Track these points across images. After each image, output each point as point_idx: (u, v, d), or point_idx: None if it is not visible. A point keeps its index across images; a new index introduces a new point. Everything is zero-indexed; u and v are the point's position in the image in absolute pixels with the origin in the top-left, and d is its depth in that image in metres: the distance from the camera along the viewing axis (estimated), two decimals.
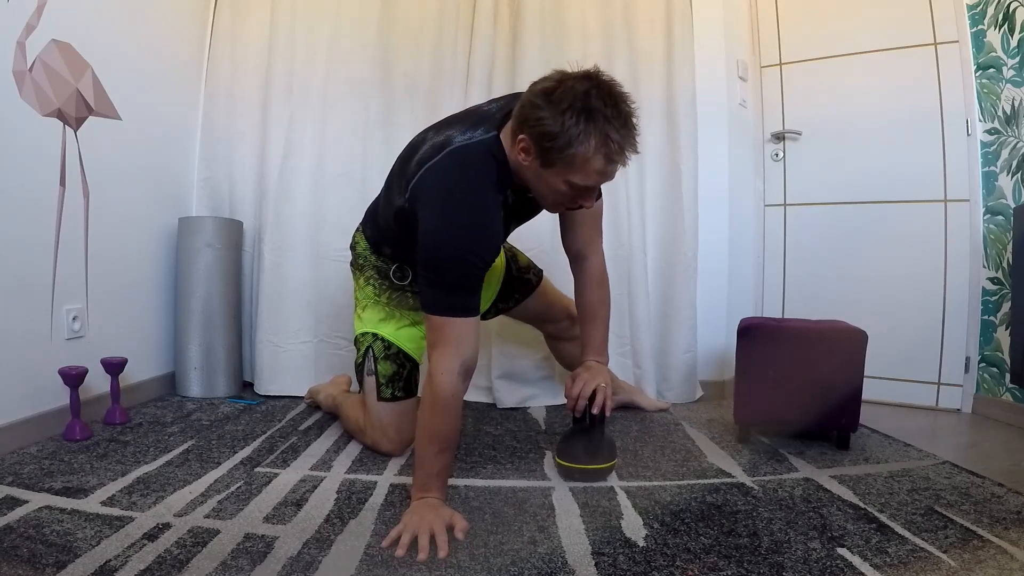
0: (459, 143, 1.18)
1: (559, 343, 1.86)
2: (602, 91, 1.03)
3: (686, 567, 0.96)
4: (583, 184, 1.09)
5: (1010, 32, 1.99)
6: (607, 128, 1.02)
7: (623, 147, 1.04)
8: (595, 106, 1.01)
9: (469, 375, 1.17)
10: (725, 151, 2.25)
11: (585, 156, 1.03)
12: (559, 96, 1.03)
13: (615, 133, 1.02)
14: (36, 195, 1.55)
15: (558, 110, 1.02)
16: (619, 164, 1.07)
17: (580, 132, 1.01)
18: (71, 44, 1.63)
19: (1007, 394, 2.01)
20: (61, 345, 1.62)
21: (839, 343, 1.60)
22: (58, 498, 1.16)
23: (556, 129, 1.02)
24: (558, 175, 1.09)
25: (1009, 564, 0.97)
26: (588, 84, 1.03)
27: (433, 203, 1.16)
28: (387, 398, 1.48)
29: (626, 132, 1.04)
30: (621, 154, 1.04)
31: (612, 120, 1.02)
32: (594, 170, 1.06)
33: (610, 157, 1.04)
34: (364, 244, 1.53)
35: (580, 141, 1.02)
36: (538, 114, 1.04)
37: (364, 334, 1.52)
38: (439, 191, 1.16)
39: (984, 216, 2.11)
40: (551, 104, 1.03)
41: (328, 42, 2.17)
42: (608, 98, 1.03)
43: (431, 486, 1.13)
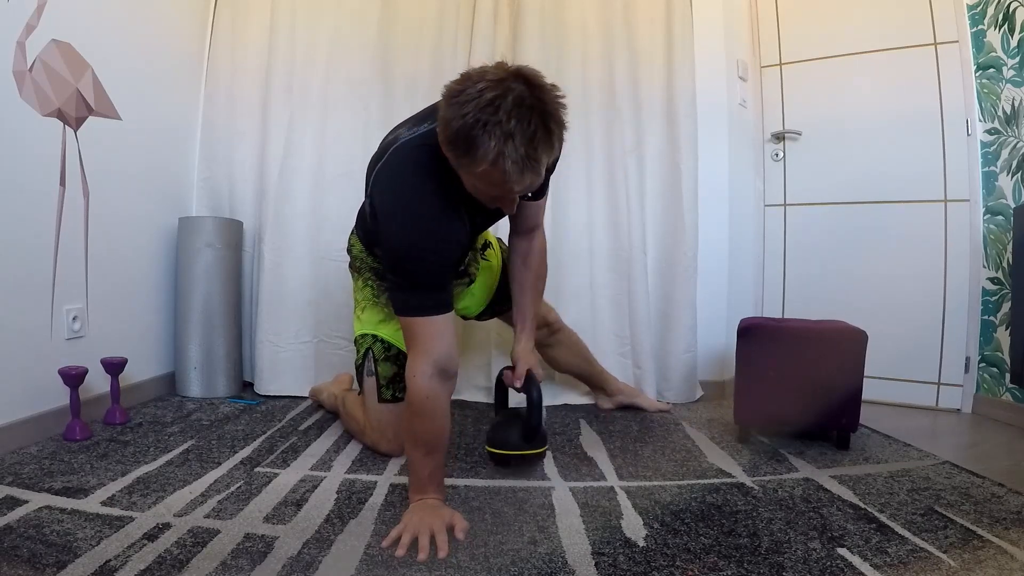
0: (403, 140, 1.16)
1: (544, 349, 1.83)
2: (513, 100, 0.92)
3: (686, 567, 0.96)
4: (491, 194, 1.04)
5: (1010, 32, 1.99)
6: (506, 145, 0.92)
7: (523, 164, 0.94)
8: (497, 119, 0.91)
9: (446, 375, 1.13)
10: (725, 151, 2.25)
11: (485, 171, 0.96)
12: (464, 98, 0.94)
13: (514, 151, 0.92)
14: (36, 195, 1.55)
15: (459, 114, 0.94)
16: (525, 182, 0.98)
17: (478, 144, 0.93)
18: (71, 44, 1.63)
19: (1007, 394, 2.01)
20: (61, 345, 1.62)
21: (839, 343, 1.60)
22: (58, 498, 1.16)
23: (453, 135, 0.96)
24: (470, 179, 1.03)
25: (1009, 564, 0.97)
26: (498, 91, 0.92)
27: (383, 204, 1.14)
28: (387, 399, 1.48)
29: (528, 150, 0.93)
30: (520, 171, 0.95)
31: (514, 136, 0.92)
32: (495, 182, 0.99)
33: (506, 172, 0.95)
34: (359, 246, 1.54)
35: (477, 154, 0.94)
36: (444, 114, 0.97)
37: (364, 335, 1.52)
38: (387, 191, 1.14)
39: (984, 216, 2.11)
40: (455, 106, 0.95)
41: (328, 42, 2.17)
42: (517, 108, 0.92)
43: (426, 488, 1.13)
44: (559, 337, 1.84)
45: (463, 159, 0.98)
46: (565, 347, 1.87)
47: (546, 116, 0.95)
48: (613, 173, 2.14)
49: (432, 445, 1.14)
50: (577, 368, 1.94)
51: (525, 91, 0.94)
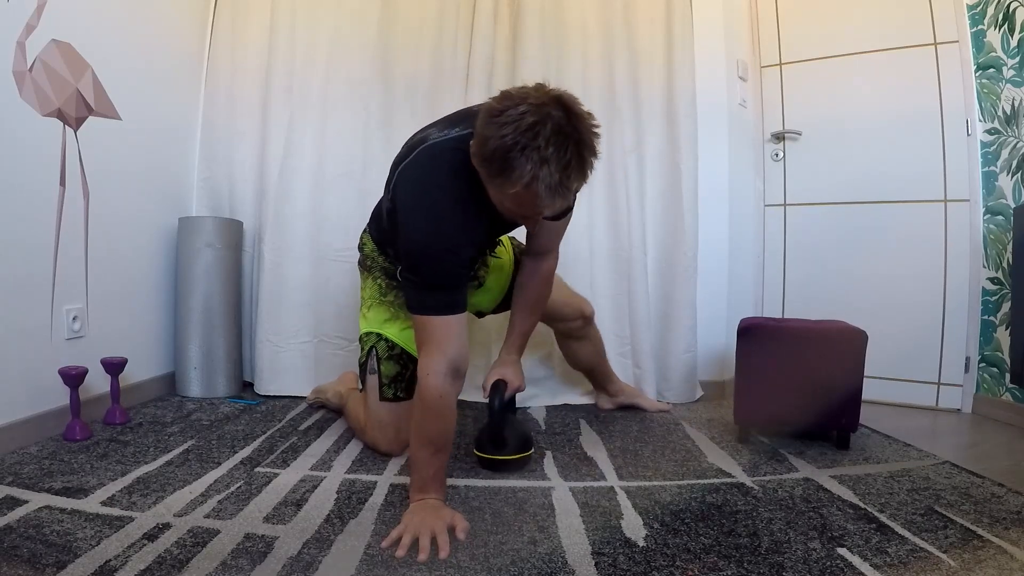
0: (432, 141, 1.17)
1: (569, 341, 1.85)
2: (552, 127, 0.94)
3: (686, 567, 0.96)
4: (519, 212, 1.06)
5: (1010, 32, 1.99)
6: (542, 170, 0.94)
7: (555, 190, 0.96)
8: (536, 144, 0.93)
9: (458, 375, 1.15)
10: (725, 151, 2.25)
11: (515, 188, 0.98)
12: (505, 119, 0.96)
13: (548, 177, 0.94)
14: (36, 195, 1.55)
15: (498, 135, 0.95)
16: (555, 205, 1.00)
17: (514, 165, 0.95)
18: (71, 44, 1.63)
19: (1007, 394, 2.01)
20: (61, 345, 1.62)
21: (839, 343, 1.60)
22: (58, 498, 1.16)
23: (490, 154, 0.97)
24: (496, 195, 1.05)
25: (1009, 564, 0.97)
26: (538, 116, 0.94)
27: (406, 203, 1.16)
28: (389, 398, 1.48)
29: (563, 178, 0.95)
30: (553, 196, 0.97)
31: (550, 162, 0.94)
32: (525, 203, 1.01)
33: (539, 196, 0.97)
34: (371, 245, 1.55)
35: (513, 175, 0.96)
36: (482, 131, 0.99)
37: (368, 333, 1.53)
38: (411, 191, 1.16)
39: (984, 216, 2.11)
40: (494, 125, 0.97)
41: (328, 42, 2.17)
42: (555, 136, 0.94)
43: (429, 488, 1.13)
44: (590, 331, 1.83)
45: (497, 178, 0.99)
46: (590, 343, 1.86)
47: (581, 145, 0.97)
48: (613, 173, 2.14)
49: (440, 444, 1.14)
50: (592, 365, 1.93)
51: (564, 119, 0.96)
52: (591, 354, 1.89)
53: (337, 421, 1.79)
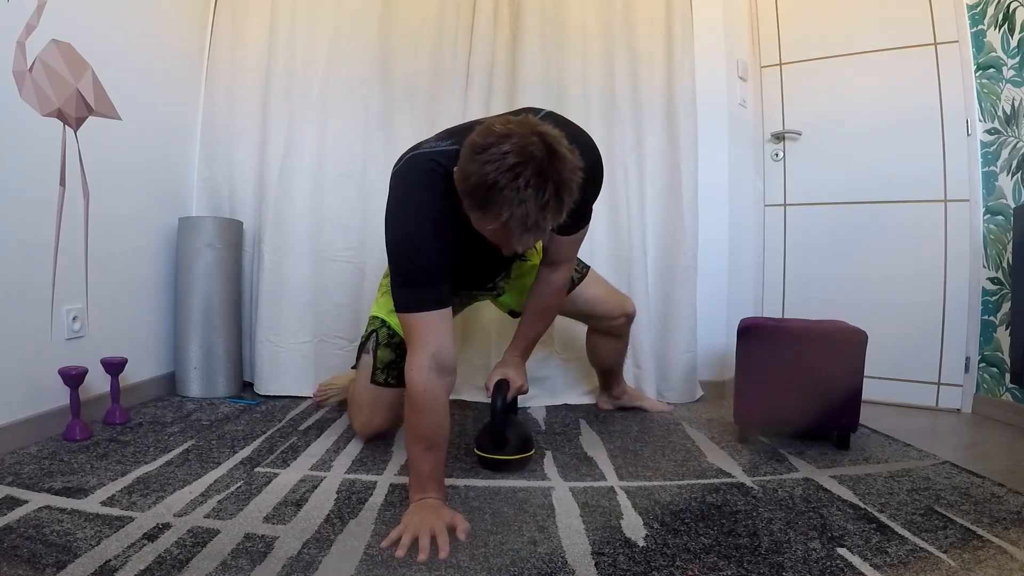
0: (421, 151, 1.21)
1: (602, 338, 1.83)
2: (533, 169, 0.95)
3: (686, 567, 0.96)
4: (491, 238, 1.07)
5: (1010, 32, 1.99)
6: (518, 210, 0.96)
7: (530, 229, 0.98)
8: (515, 185, 0.95)
9: (445, 370, 1.16)
10: (725, 151, 2.25)
11: (494, 229, 1.01)
12: (488, 157, 0.97)
13: (526, 217, 0.96)
14: (36, 195, 1.55)
15: (480, 171, 0.97)
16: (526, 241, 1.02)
17: (492, 203, 0.97)
18: (71, 44, 1.63)
19: (1007, 394, 2.01)
20: (61, 345, 1.62)
21: (839, 343, 1.60)
22: (58, 498, 1.16)
23: (471, 189, 0.99)
24: (473, 220, 1.06)
25: (1009, 564, 0.97)
26: (520, 157, 0.95)
27: (389, 206, 1.20)
28: (379, 382, 1.53)
29: (538, 218, 0.97)
30: (522, 235, 0.99)
31: (527, 202, 0.95)
32: (498, 236, 1.03)
33: (513, 233, 0.99)
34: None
35: (490, 211, 0.98)
36: (465, 166, 1.00)
37: (375, 317, 1.60)
38: (392, 195, 1.20)
39: (984, 216, 2.11)
40: (477, 162, 0.98)
41: (328, 42, 2.17)
42: (536, 178, 0.95)
43: (427, 487, 1.13)
44: (627, 329, 1.83)
45: (475, 212, 1.02)
46: (621, 343, 1.86)
47: (561, 187, 0.98)
48: (613, 173, 2.14)
49: (432, 440, 1.15)
50: (612, 365, 1.92)
51: (546, 160, 0.97)
52: (615, 353, 1.89)
53: (337, 421, 1.79)
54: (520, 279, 1.67)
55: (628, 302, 1.81)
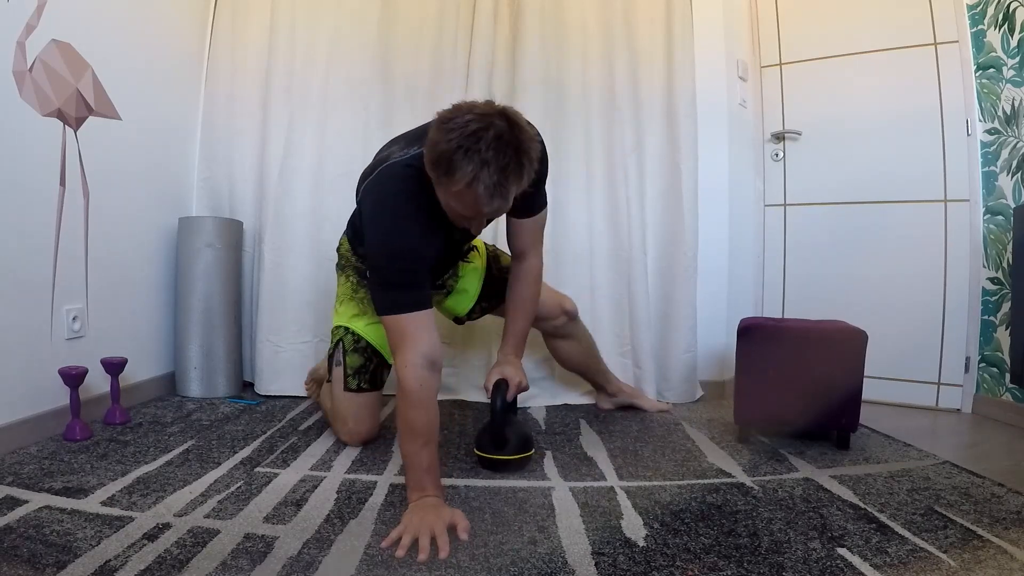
0: (394, 159, 1.26)
1: (555, 341, 1.86)
2: (493, 134, 1.02)
3: (686, 567, 0.96)
4: (461, 212, 1.13)
5: (1010, 32, 1.99)
6: (482, 171, 1.02)
7: (493, 194, 1.04)
8: (477, 147, 1.02)
9: (436, 367, 1.21)
10: (725, 151, 2.25)
11: (460, 192, 1.06)
12: (451, 126, 1.04)
13: (489, 178, 1.02)
14: (36, 195, 1.55)
15: (445, 139, 1.04)
16: (493, 206, 1.07)
17: (457, 166, 1.03)
18: (71, 44, 1.63)
19: (1007, 394, 2.01)
20: (61, 345, 1.62)
21: (839, 343, 1.60)
22: (58, 498, 1.16)
23: (437, 156, 1.05)
24: (443, 195, 1.13)
25: (1009, 564, 0.97)
26: (482, 123, 1.03)
27: (370, 215, 1.26)
28: (353, 389, 1.54)
29: (500, 179, 1.03)
30: (490, 199, 1.05)
31: (489, 164, 1.02)
32: (467, 203, 1.09)
33: (478, 196, 1.05)
34: (347, 245, 1.64)
35: (455, 175, 1.04)
36: (432, 136, 1.07)
37: (338, 327, 1.61)
38: (373, 205, 1.26)
39: (984, 216, 2.11)
40: (442, 131, 1.05)
41: (328, 42, 2.17)
42: (497, 142, 1.02)
43: (425, 483, 1.14)
44: (575, 329, 1.84)
45: (443, 178, 1.07)
46: (577, 342, 1.87)
47: (520, 152, 1.05)
48: (613, 173, 2.14)
49: (428, 436, 1.17)
50: (584, 365, 1.93)
51: (506, 128, 1.04)
52: (581, 353, 1.89)
53: None
54: (461, 279, 1.70)
55: (567, 300, 1.81)
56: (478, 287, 1.72)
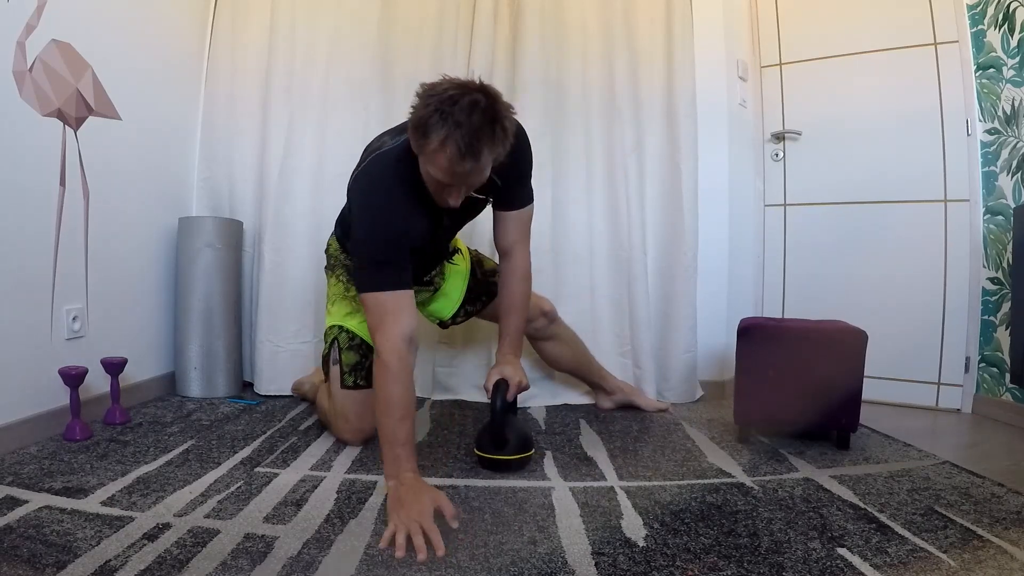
0: (385, 148, 1.30)
1: (539, 343, 1.87)
2: (469, 100, 1.08)
3: (686, 567, 0.96)
4: (437, 178, 1.16)
5: (1010, 32, 1.99)
6: (455, 132, 1.07)
7: (464, 154, 1.08)
8: (452, 111, 1.07)
9: (413, 344, 1.26)
10: (725, 151, 2.25)
11: (434, 151, 1.11)
12: (431, 93, 1.11)
13: (461, 139, 1.07)
14: (36, 195, 1.55)
15: (424, 104, 1.11)
16: (465, 168, 1.11)
17: (432, 127, 1.09)
18: (71, 44, 1.63)
19: (1007, 394, 2.01)
20: (61, 345, 1.62)
21: (839, 343, 1.60)
22: (58, 498, 1.16)
23: (416, 120, 1.12)
24: (423, 164, 1.18)
25: (1009, 564, 0.97)
26: (460, 91, 1.09)
27: (358, 202, 1.31)
28: (350, 386, 1.55)
29: (472, 140, 1.07)
30: (462, 160, 1.09)
31: (462, 125, 1.07)
32: (441, 167, 1.13)
33: (452, 157, 1.09)
34: (336, 245, 1.66)
35: (430, 136, 1.09)
36: (414, 107, 1.14)
37: (331, 327, 1.62)
38: (361, 190, 1.31)
39: (984, 216, 2.11)
40: (422, 98, 1.12)
41: (328, 42, 2.17)
42: (471, 107, 1.08)
43: (401, 459, 1.15)
44: (557, 329, 1.84)
45: (420, 140, 1.12)
46: (563, 342, 1.87)
47: (494, 120, 1.10)
48: (613, 173, 2.14)
49: (407, 410, 1.20)
50: (575, 365, 1.94)
51: (482, 98, 1.10)
52: (568, 353, 1.90)
53: None
54: (446, 281, 1.71)
55: (544, 302, 1.81)
56: (462, 290, 1.72)
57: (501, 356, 1.52)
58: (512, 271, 1.51)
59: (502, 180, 1.32)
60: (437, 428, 1.76)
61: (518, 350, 1.54)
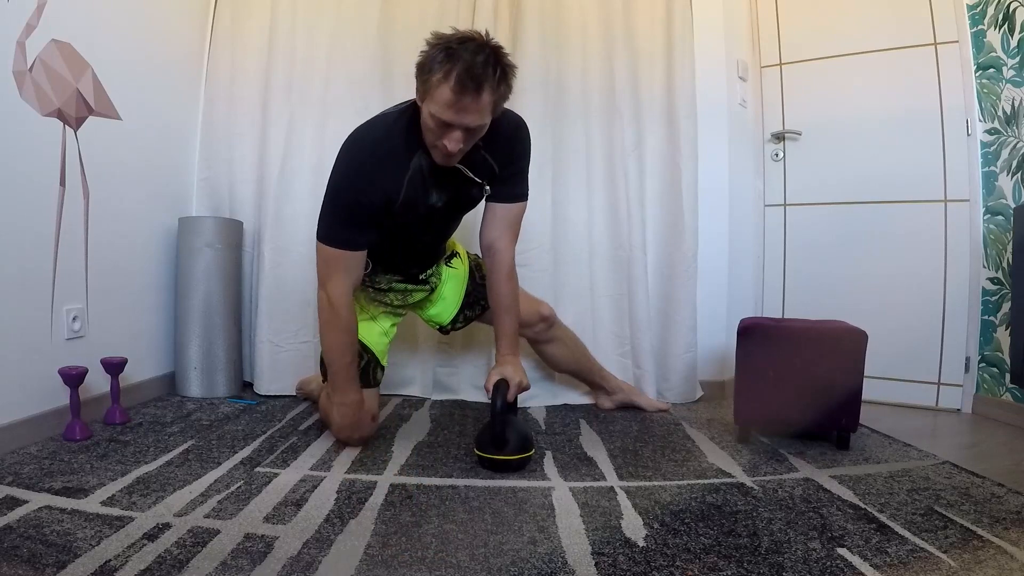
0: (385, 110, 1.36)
1: (540, 346, 1.88)
2: (475, 44, 1.17)
3: (686, 567, 0.96)
4: (440, 117, 1.21)
5: (1010, 32, 1.99)
6: (458, 65, 1.15)
7: (465, 84, 1.15)
8: (458, 49, 1.16)
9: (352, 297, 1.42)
10: (725, 151, 2.25)
11: (438, 84, 1.18)
12: (439, 38, 1.20)
13: (464, 71, 1.14)
14: (36, 195, 1.55)
15: (431, 46, 1.20)
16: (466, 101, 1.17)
17: (437, 63, 1.17)
18: (71, 44, 1.63)
19: (1007, 394, 2.01)
20: (61, 345, 1.62)
21: (839, 343, 1.60)
22: (58, 498, 1.16)
23: (423, 60, 1.21)
24: (427, 106, 1.24)
25: (1009, 564, 0.97)
26: (465, 37, 1.19)
27: (342, 150, 1.37)
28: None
29: (474, 72, 1.15)
30: (463, 92, 1.16)
31: (465, 59, 1.15)
32: (444, 100, 1.19)
33: (454, 90, 1.16)
34: None
35: (435, 71, 1.18)
36: (421, 54, 1.22)
37: None
38: (350, 139, 1.37)
39: (984, 216, 2.11)
40: (431, 43, 1.21)
41: (328, 42, 2.17)
42: (477, 48, 1.16)
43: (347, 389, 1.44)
44: (556, 333, 1.85)
45: (424, 76, 1.21)
46: (562, 344, 1.88)
47: (496, 62, 1.19)
48: (613, 173, 2.14)
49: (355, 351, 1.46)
50: (576, 366, 1.94)
51: (487, 43, 1.19)
52: (567, 355, 1.91)
53: None
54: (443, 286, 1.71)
55: (543, 306, 1.81)
56: (460, 294, 1.72)
57: (501, 356, 1.52)
58: (497, 269, 1.51)
59: (499, 167, 1.33)
60: (437, 428, 1.76)
61: (516, 349, 1.54)
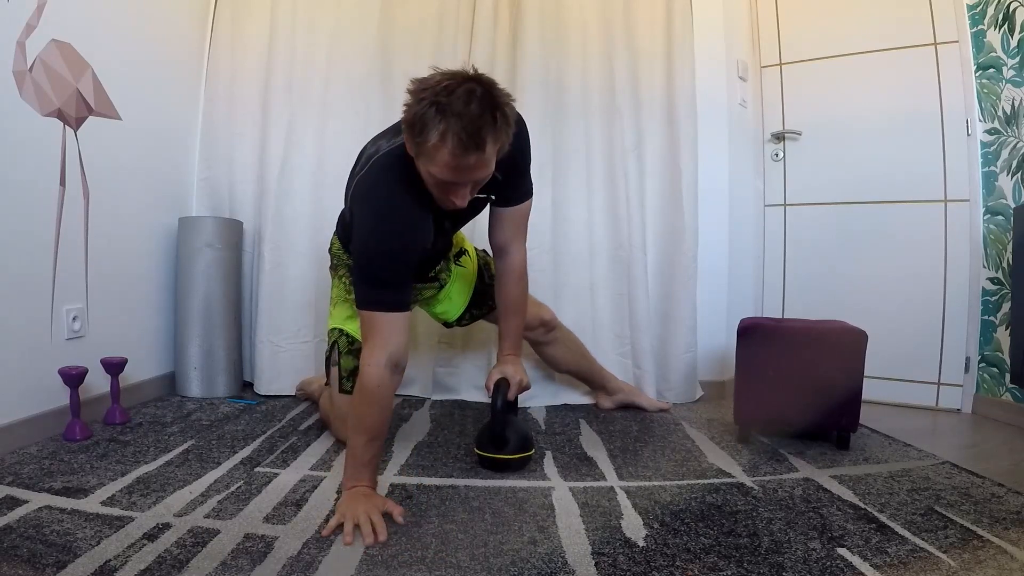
0: (383, 151, 1.24)
1: (541, 348, 1.88)
2: (465, 89, 1.02)
3: (686, 567, 0.96)
4: (441, 177, 1.09)
5: (1010, 32, 1.99)
6: (453, 124, 1.01)
7: (467, 145, 1.02)
8: (448, 101, 1.01)
9: (398, 369, 1.22)
10: (725, 151, 2.25)
11: (435, 146, 1.04)
12: (423, 87, 1.05)
13: (462, 130, 1.01)
14: (36, 195, 1.55)
15: (417, 100, 1.04)
16: (469, 161, 1.05)
17: (429, 122, 1.02)
18: (71, 44, 1.63)
19: (1007, 394, 2.01)
20: (61, 345, 1.62)
21: (839, 343, 1.60)
22: (58, 498, 1.16)
23: (411, 118, 1.05)
24: (423, 165, 1.11)
25: (1009, 564, 0.97)
26: (454, 81, 1.04)
27: (360, 211, 1.24)
28: (347, 391, 1.53)
29: (473, 129, 1.01)
30: (465, 153, 1.03)
31: (462, 116, 1.01)
32: (444, 163, 1.06)
33: (454, 153, 1.03)
34: (338, 245, 1.62)
35: (429, 132, 1.03)
36: (407, 104, 1.07)
37: (332, 329, 1.61)
38: (364, 197, 1.23)
39: (984, 216, 2.11)
40: (414, 94, 1.06)
41: (328, 42, 2.17)
42: (468, 96, 1.02)
43: (362, 476, 1.16)
44: (556, 335, 1.85)
45: (418, 139, 1.05)
46: (563, 346, 1.88)
47: (493, 106, 1.04)
48: (613, 173, 2.14)
49: (376, 433, 1.19)
50: (576, 367, 1.94)
51: (477, 86, 1.04)
52: (568, 357, 1.91)
53: None
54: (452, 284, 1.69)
55: (544, 310, 1.81)
56: (468, 294, 1.72)
57: (503, 356, 1.52)
58: (508, 271, 1.49)
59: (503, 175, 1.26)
60: (437, 428, 1.76)
61: (518, 348, 1.54)
